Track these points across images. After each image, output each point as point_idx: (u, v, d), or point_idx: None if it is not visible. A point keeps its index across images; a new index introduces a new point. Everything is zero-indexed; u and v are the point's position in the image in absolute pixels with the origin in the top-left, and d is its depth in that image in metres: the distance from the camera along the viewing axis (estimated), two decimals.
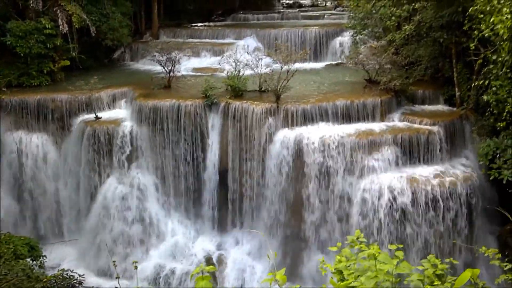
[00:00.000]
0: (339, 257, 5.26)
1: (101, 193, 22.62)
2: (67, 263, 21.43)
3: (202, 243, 22.29)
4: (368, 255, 4.87)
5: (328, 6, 49.12)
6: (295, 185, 20.36)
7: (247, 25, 37.36)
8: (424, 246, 18.70)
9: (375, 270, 4.82)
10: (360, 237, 5.60)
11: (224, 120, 21.88)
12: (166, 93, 23.84)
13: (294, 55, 22.07)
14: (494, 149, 17.98)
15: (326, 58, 30.46)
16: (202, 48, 30.73)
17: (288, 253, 20.63)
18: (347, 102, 21.38)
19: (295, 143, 20.23)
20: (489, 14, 15.28)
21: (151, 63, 26.85)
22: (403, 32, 21.88)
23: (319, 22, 36.81)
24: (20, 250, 16.85)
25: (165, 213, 22.76)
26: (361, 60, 23.20)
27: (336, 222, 19.82)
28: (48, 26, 25.27)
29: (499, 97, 16.55)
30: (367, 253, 4.91)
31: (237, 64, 23.24)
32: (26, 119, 24.06)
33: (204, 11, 41.80)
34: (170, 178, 22.68)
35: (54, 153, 23.94)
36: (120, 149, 22.46)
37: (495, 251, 6.26)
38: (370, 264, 4.86)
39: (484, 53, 17.95)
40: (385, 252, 4.90)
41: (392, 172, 19.32)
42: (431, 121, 20.61)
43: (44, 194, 23.87)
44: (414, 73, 22.70)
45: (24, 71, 25.86)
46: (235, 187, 21.90)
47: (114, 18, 29.10)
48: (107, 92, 24.79)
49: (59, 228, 24.18)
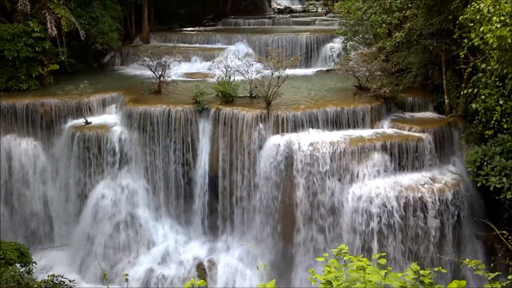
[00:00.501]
0: (328, 268, 5.31)
1: (91, 198, 22.51)
2: (58, 269, 21.27)
3: (193, 249, 22.22)
4: (356, 267, 4.93)
5: (319, 12, 49.36)
6: (286, 191, 20.38)
7: (238, 30, 37.44)
8: (413, 251, 18.84)
9: (363, 282, 4.87)
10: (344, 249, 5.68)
11: (215, 126, 21.89)
12: (157, 98, 23.80)
13: (284, 62, 22.11)
14: (482, 156, 18.21)
15: (316, 64, 30.59)
16: (192, 53, 30.71)
17: (278, 259, 20.64)
18: (337, 109, 21.49)
19: (285, 149, 20.27)
20: (478, 23, 15.43)
21: (141, 67, 26.77)
22: (394, 39, 22.10)
23: (310, 28, 36.96)
24: (10, 255, 16.70)
25: (156, 219, 22.69)
26: (351, 66, 23.29)
27: (326, 228, 19.85)
28: (36, 29, 24.88)
29: (488, 105, 16.75)
30: (355, 265, 4.96)
31: (227, 69, 23.27)
32: (15, 124, 23.83)
33: (195, 15, 41.76)
34: (161, 183, 22.63)
35: (44, 158, 23.76)
36: (110, 154, 22.39)
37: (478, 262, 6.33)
38: (359, 276, 4.91)
39: (473, 61, 18.14)
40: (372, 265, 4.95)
41: (381, 179, 19.45)
42: (420, 128, 20.80)
43: (34, 199, 23.65)
44: (404, 80, 22.85)
45: (13, 75, 25.51)
46: (225, 193, 21.88)
47: (104, 21, 28.92)
48: (97, 97, 24.66)
49: (49, 234, 23.95)
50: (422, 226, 18.81)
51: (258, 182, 20.96)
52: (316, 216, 19.91)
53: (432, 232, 18.89)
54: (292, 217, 20.24)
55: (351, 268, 5.02)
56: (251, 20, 41.37)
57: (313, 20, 41.94)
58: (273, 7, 52.16)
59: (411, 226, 18.79)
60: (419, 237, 18.83)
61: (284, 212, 20.47)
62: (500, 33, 14.11)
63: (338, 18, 34.18)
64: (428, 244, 18.93)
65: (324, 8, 49.71)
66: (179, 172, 22.34)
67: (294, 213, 20.17)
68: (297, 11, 50.41)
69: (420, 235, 18.82)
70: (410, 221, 18.76)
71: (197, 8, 41.86)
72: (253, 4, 48.91)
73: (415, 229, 18.80)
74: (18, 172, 23.43)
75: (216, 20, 42.63)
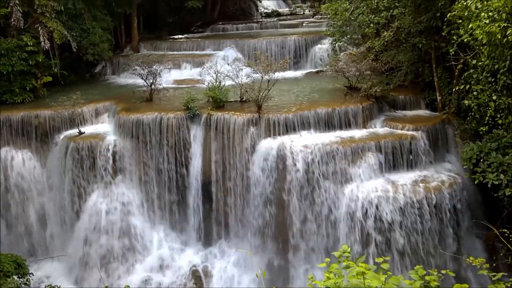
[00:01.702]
0: (327, 274, 5.29)
1: (86, 208, 22.45)
2: (55, 279, 21.25)
3: (188, 255, 22.21)
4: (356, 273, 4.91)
5: (306, 14, 49.36)
6: (279, 194, 20.33)
7: (226, 35, 37.52)
8: (411, 252, 18.73)
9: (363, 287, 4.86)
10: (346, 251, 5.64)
11: (207, 132, 21.89)
12: (148, 106, 23.83)
13: (274, 65, 22.13)
14: (478, 153, 18.08)
15: (306, 66, 30.64)
16: (182, 60, 30.79)
17: (274, 263, 20.58)
18: (329, 110, 21.49)
19: (277, 152, 20.25)
20: (467, 19, 15.45)
21: (132, 76, 26.82)
22: (382, 39, 22.10)
23: (298, 31, 37.06)
24: (7, 267, 16.68)
25: (150, 226, 22.64)
26: (341, 67, 23.32)
27: (321, 230, 19.81)
28: (29, 43, 25.26)
29: (480, 101, 16.69)
30: (355, 270, 4.94)
31: (217, 75, 23.28)
32: (11, 136, 24.04)
33: (183, 23, 41.85)
34: (155, 191, 22.61)
35: (39, 169, 23.85)
36: (104, 164, 22.34)
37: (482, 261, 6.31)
38: (359, 282, 4.89)
39: (464, 58, 18.14)
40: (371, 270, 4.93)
41: (376, 179, 19.42)
42: (413, 126, 20.75)
43: (30, 210, 23.69)
44: (395, 79, 22.91)
45: (7, 88, 25.85)
46: (219, 198, 21.87)
47: (95, 33, 29.15)
48: (90, 107, 24.73)
49: (45, 244, 23.97)
50: (419, 226, 18.68)
51: (251, 186, 20.93)
52: (311, 218, 19.85)
53: (430, 232, 18.80)
54: (287, 221, 20.19)
55: (351, 274, 5.01)
56: (239, 25, 41.48)
57: (301, 22, 42.00)
58: (260, 11, 52.21)
59: (408, 226, 18.70)
60: (416, 237, 18.74)
61: (279, 215, 20.42)
62: (489, 29, 14.14)
63: (325, 19, 34.24)
64: (427, 244, 18.84)
65: (311, 10, 49.71)
66: (172, 179, 22.33)
67: (288, 216, 20.13)
68: (285, 14, 50.44)
69: (417, 235, 18.72)
70: (406, 221, 18.67)
71: (185, 15, 41.91)
72: (240, 10, 49.02)
73: (412, 230, 18.71)
74: (14, 184, 23.48)
75: (204, 27, 42.71)
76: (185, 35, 39.37)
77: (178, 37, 38.15)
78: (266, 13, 51.25)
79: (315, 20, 42.44)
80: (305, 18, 45.52)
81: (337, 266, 5.40)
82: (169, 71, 27.86)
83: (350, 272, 5.07)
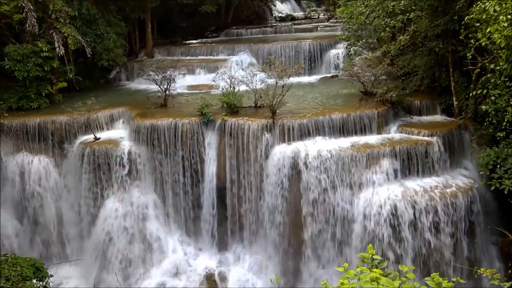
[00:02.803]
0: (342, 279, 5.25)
1: (102, 213, 22.61)
2: (72, 283, 21.45)
3: (203, 260, 22.26)
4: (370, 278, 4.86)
5: (321, 18, 49.24)
6: (294, 200, 20.28)
7: (241, 40, 37.57)
8: (426, 259, 18.58)
9: None
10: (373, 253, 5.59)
11: (221, 137, 21.91)
12: (163, 112, 23.93)
13: (288, 70, 22.09)
14: (494, 159, 17.85)
15: (321, 71, 30.58)
16: (196, 65, 30.88)
17: (288, 268, 20.54)
18: (344, 115, 21.38)
19: (292, 158, 20.19)
20: (485, 23, 15.24)
21: (147, 82, 26.97)
22: (398, 43, 21.84)
23: (312, 35, 36.93)
24: (26, 272, 16.83)
25: (166, 231, 22.73)
26: (356, 72, 23.19)
27: (335, 236, 19.73)
28: (44, 49, 25.39)
29: (498, 106, 16.46)
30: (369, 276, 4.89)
31: (231, 80, 23.30)
32: (27, 142, 24.25)
33: (197, 28, 41.93)
34: (170, 196, 22.70)
35: (55, 175, 24.02)
36: (120, 169, 22.46)
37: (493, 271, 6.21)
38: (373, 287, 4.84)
39: (481, 62, 17.94)
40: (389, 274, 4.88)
41: (391, 185, 19.25)
42: (429, 132, 20.56)
43: (47, 215, 23.89)
44: (411, 83, 22.71)
45: (23, 94, 26.04)
46: (233, 204, 21.88)
47: (109, 38, 29.31)
48: (105, 112, 24.90)
49: (62, 249, 24.19)
50: (434, 233, 18.52)
51: (266, 191, 20.91)
52: (325, 224, 19.77)
53: (445, 239, 18.62)
54: (301, 226, 20.13)
55: (365, 279, 4.96)
56: (253, 29, 41.46)
57: (315, 26, 41.89)
58: (274, 15, 52.10)
59: (423, 232, 18.53)
60: (432, 244, 18.58)
61: (293, 221, 20.37)
62: (508, 33, 13.93)
63: (340, 23, 34.14)
64: (442, 251, 18.68)
65: (326, 14, 49.60)
66: (187, 184, 22.39)
67: (303, 222, 20.06)
68: (299, 18, 50.32)
69: (433, 242, 18.56)
70: (422, 227, 18.50)
71: (199, 20, 42.00)
72: (254, 14, 48.97)
73: (427, 236, 18.54)
74: (31, 189, 23.68)
75: (218, 32, 42.76)
76: (199, 40, 39.46)
77: (192, 42, 38.26)
78: (280, 17, 51.18)
79: (330, 24, 42.31)
80: (320, 22, 45.41)
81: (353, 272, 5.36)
82: (183, 76, 27.99)
83: (364, 277, 5.02)
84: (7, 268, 15.12)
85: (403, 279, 4.94)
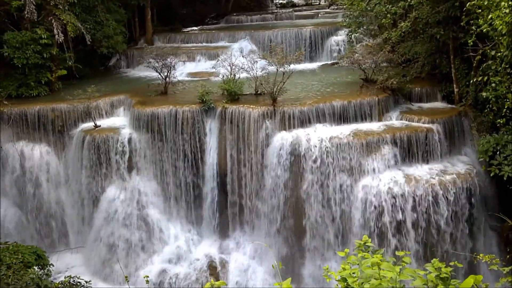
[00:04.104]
0: (343, 265, 5.29)
1: (103, 200, 22.68)
2: (74, 270, 21.51)
3: (204, 247, 22.35)
4: (371, 263, 4.90)
5: (322, 5, 49.13)
6: (294, 187, 20.36)
7: (241, 27, 37.45)
8: (426, 244, 18.70)
9: (378, 278, 4.84)
10: (367, 242, 5.65)
11: (222, 125, 21.92)
12: (163, 99, 23.90)
13: (289, 57, 22.05)
14: (494, 146, 17.91)
15: (321, 58, 30.52)
16: (196, 52, 30.78)
17: (289, 255, 20.66)
18: (344, 103, 21.37)
19: (292, 145, 20.24)
20: (486, 9, 15.20)
21: (147, 69, 26.88)
22: (399, 30, 21.77)
23: (313, 22, 36.84)
24: (28, 259, 16.89)
25: (167, 218, 22.81)
26: (357, 59, 23.13)
27: (336, 223, 19.82)
28: (43, 36, 25.24)
29: (498, 93, 16.48)
30: (370, 261, 4.93)
31: (232, 67, 23.26)
32: (27, 130, 24.21)
33: (197, 15, 41.79)
34: (170, 183, 22.73)
35: (56, 163, 24.05)
36: (120, 157, 22.49)
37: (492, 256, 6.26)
38: (374, 272, 4.88)
39: (482, 48, 17.89)
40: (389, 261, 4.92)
41: (391, 172, 19.31)
42: (430, 118, 20.58)
43: (48, 203, 23.97)
44: (411, 70, 22.68)
45: (23, 82, 25.94)
46: (234, 191, 21.93)
47: (109, 25, 29.13)
48: (105, 100, 24.85)
49: (64, 236, 24.30)
50: (434, 219, 18.61)
51: (266, 178, 20.96)
52: (326, 211, 19.86)
53: (445, 225, 18.73)
54: (302, 213, 20.22)
55: (366, 264, 5.00)
56: (254, 16, 41.30)
57: (316, 13, 41.77)
58: (275, 2, 51.92)
59: (423, 218, 18.61)
60: (431, 230, 18.66)
61: (294, 208, 20.45)
62: (509, 19, 13.90)
63: (341, 10, 34.03)
64: (442, 237, 18.78)
65: (327, 1, 49.42)
66: (188, 172, 22.44)
67: (303, 209, 20.15)
68: (300, 5, 50.14)
69: (432, 228, 18.65)
70: (422, 213, 18.58)
71: (199, 7, 41.88)
72: (255, 1, 48.84)
73: (427, 222, 18.62)
74: (32, 178, 23.73)
75: (219, 18, 42.61)
76: (199, 27, 39.33)
77: (192, 29, 38.13)
78: (281, 3, 51.01)
79: (331, 11, 42.19)
80: (321, 9, 45.30)
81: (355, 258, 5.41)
82: (183, 63, 27.92)
83: (365, 262, 5.07)
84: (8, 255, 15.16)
85: (403, 264, 4.98)
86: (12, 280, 12.17)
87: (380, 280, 4.81)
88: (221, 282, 4.89)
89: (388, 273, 4.83)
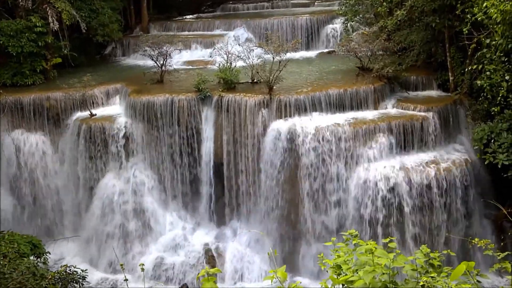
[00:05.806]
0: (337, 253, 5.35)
1: (99, 189, 22.67)
2: (70, 260, 21.55)
3: (201, 236, 22.40)
4: (365, 250, 4.95)
5: None
6: (291, 176, 20.42)
7: (237, 15, 37.25)
8: (421, 232, 18.83)
9: (372, 265, 4.89)
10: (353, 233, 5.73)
11: (218, 113, 21.91)
12: (159, 88, 23.83)
13: (285, 45, 22.03)
14: (489, 134, 18.02)
15: (318, 47, 30.43)
16: (192, 40, 30.63)
17: (285, 243, 20.77)
18: (340, 91, 21.40)
19: (289, 134, 20.27)
20: None
21: (143, 57, 26.84)
22: (395, 18, 21.84)
23: (309, 10, 36.72)
24: (23, 248, 16.86)
25: (163, 207, 22.84)
26: (353, 47, 23.12)
27: (332, 212, 19.92)
28: (38, 24, 25.07)
29: (493, 81, 16.56)
30: (364, 248, 4.99)
31: (228, 56, 23.21)
32: (23, 119, 24.07)
33: (193, 3, 41.52)
34: (167, 172, 22.73)
35: (52, 151, 23.97)
36: (116, 145, 22.47)
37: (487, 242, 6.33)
38: (368, 259, 4.93)
39: (477, 37, 17.94)
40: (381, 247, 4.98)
41: (387, 160, 19.43)
42: (425, 107, 20.67)
43: (44, 192, 23.92)
44: (407, 59, 22.69)
45: (17, 70, 25.76)
46: (231, 179, 21.98)
47: (104, 13, 28.96)
48: (101, 88, 24.77)
49: (60, 225, 24.24)
50: (429, 207, 18.76)
51: (262, 167, 21.02)
52: (321, 199, 19.94)
53: (439, 212, 18.87)
54: (298, 202, 20.31)
55: (360, 251, 5.05)
56: (250, 4, 41.08)
57: (313, 1, 41.51)
58: None
59: (418, 206, 18.75)
60: (426, 218, 18.79)
61: (290, 197, 20.54)
62: (504, 7, 13.95)
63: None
64: (436, 225, 18.94)
65: None
66: (184, 161, 22.44)
67: (299, 197, 20.24)
68: None
69: (427, 216, 18.79)
70: (417, 201, 18.71)
71: None
72: None
73: (422, 210, 18.76)
74: (28, 167, 23.66)
75: (215, 6, 42.36)
76: (195, 15, 39.13)
77: (188, 18, 37.95)
78: None
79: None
80: None
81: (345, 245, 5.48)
82: (179, 52, 27.82)
83: (359, 249, 5.12)
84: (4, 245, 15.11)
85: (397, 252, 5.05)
86: (8, 269, 12.15)
87: (374, 267, 4.86)
88: (216, 269, 4.92)
89: (382, 260, 4.88)
